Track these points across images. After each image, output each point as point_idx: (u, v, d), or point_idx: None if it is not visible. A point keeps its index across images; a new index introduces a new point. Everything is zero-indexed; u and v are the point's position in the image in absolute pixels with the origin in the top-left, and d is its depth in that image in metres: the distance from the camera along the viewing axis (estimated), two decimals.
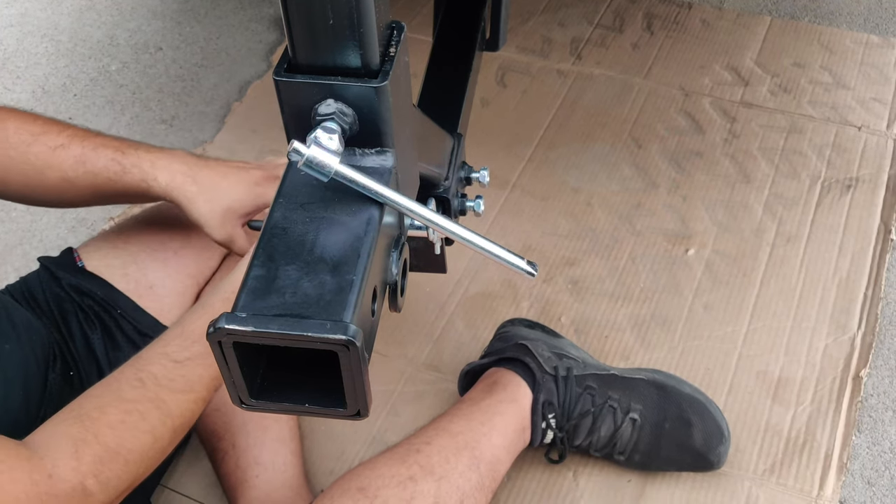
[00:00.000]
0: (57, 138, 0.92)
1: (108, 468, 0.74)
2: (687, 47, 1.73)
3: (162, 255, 1.04)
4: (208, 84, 1.79)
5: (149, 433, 0.77)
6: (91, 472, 0.73)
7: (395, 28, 0.53)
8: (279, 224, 0.51)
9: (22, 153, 0.91)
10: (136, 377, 0.79)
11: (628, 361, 1.24)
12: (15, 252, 1.50)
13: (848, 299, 1.29)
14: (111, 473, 0.75)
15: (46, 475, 0.71)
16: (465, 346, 1.28)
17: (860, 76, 1.63)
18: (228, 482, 1.08)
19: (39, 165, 0.91)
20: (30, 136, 0.91)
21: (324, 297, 0.47)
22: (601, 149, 1.55)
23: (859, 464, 1.14)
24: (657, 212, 1.43)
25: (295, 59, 0.50)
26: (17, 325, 0.90)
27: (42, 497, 0.70)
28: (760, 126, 1.55)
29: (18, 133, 0.91)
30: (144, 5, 2.01)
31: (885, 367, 1.23)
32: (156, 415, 0.77)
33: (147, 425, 0.77)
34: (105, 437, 0.75)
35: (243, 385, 0.49)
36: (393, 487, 0.89)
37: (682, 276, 1.34)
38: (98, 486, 0.74)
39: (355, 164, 0.53)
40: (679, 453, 1.06)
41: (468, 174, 0.85)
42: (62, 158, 0.91)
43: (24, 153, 0.91)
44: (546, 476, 1.13)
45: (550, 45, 1.76)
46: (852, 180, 1.45)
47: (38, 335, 0.93)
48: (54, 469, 0.72)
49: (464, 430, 0.98)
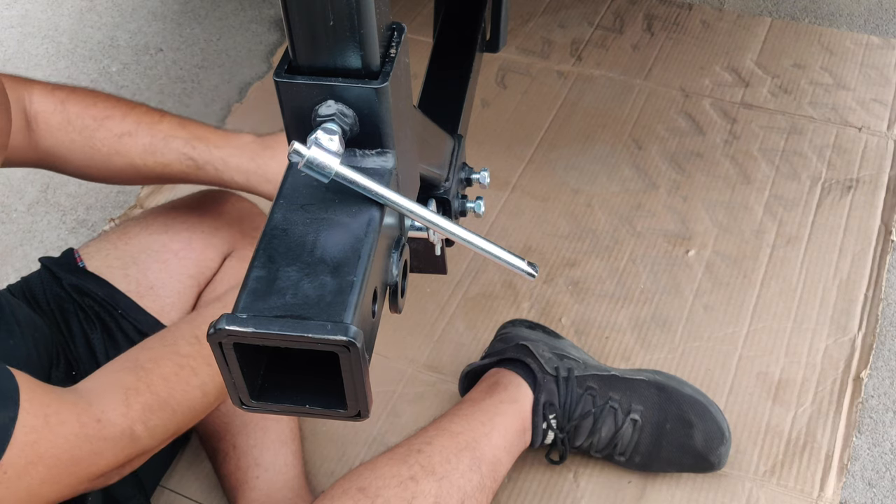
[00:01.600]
0: (122, 123, 0.91)
1: (157, 416, 0.78)
2: (687, 48, 1.73)
3: (163, 256, 1.04)
4: (209, 85, 1.80)
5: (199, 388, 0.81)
6: (140, 418, 0.77)
7: (396, 29, 0.53)
8: (279, 225, 0.51)
9: (87, 138, 0.91)
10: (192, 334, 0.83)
11: (629, 362, 1.24)
12: (15, 253, 1.50)
13: (848, 300, 1.29)
14: (159, 421, 0.78)
15: (95, 419, 0.74)
16: (465, 347, 1.28)
17: (860, 77, 1.63)
18: (229, 483, 1.08)
19: (105, 151, 0.91)
20: (93, 120, 0.91)
21: (324, 298, 0.47)
22: (601, 150, 1.55)
23: (860, 465, 1.14)
24: (657, 213, 1.43)
25: (295, 60, 0.50)
26: (21, 322, 0.91)
27: (91, 439, 0.73)
28: (761, 127, 1.55)
29: (82, 117, 0.91)
30: (145, 7, 2.01)
31: (886, 368, 1.23)
32: (207, 371, 0.81)
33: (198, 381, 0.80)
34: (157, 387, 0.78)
35: (244, 386, 0.49)
36: (394, 488, 0.89)
37: (683, 277, 1.34)
38: (146, 433, 0.77)
39: (356, 166, 0.53)
40: (680, 454, 1.06)
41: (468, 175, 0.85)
42: (129, 146, 0.92)
43: (89, 139, 0.91)
44: (547, 477, 1.13)
45: (551, 46, 1.76)
46: (853, 181, 1.45)
47: (41, 333, 0.94)
48: (103, 414, 0.75)
49: (465, 430, 0.98)
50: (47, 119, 0.90)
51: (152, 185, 1.00)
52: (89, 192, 1.59)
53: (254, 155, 0.94)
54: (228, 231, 1.09)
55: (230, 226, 1.09)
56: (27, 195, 1.60)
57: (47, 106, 0.91)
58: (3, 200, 1.59)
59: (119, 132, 0.91)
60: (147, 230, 1.07)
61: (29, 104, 0.90)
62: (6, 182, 1.62)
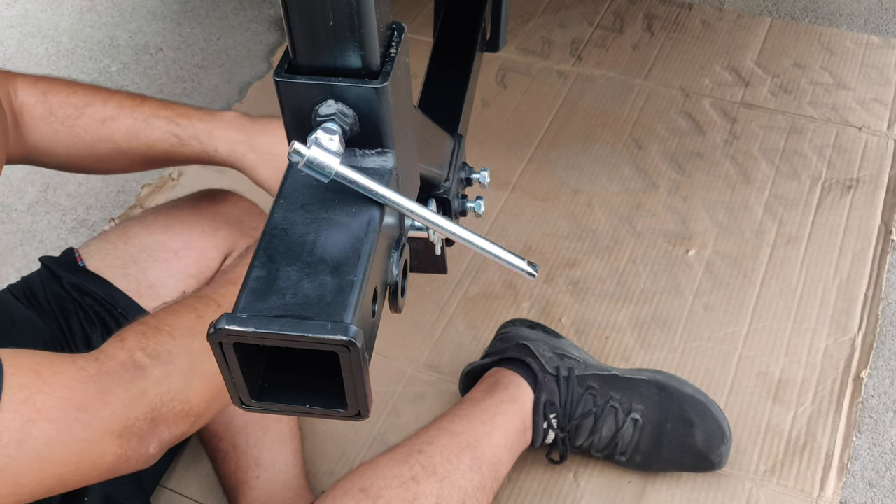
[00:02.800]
0: (104, 109, 0.91)
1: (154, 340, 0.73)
2: (687, 48, 1.73)
3: (163, 256, 1.04)
4: (209, 85, 1.80)
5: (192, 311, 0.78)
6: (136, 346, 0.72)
7: (396, 29, 0.53)
8: (279, 225, 0.51)
9: (69, 127, 0.90)
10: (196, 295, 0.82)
11: (629, 362, 1.24)
12: (15, 252, 1.50)
13: (848, 300, 1.29)
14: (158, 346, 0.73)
15: (93, 360, 0.70)
16: (465, 347, 1.28)
17: (861, 77, 1.63)
18: (229, 483, 1.08)
19: (89, 139, 0.91)
20: (74, 109, 0.90)
21: (324, 297, 0.47)
22: (601, 150, 1.55)
23: (860, 465, 1.14)
24: (657, 213, 1.43)
25: (295, 59, 0.50)
26: (17, 323, 0.91)
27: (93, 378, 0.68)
28: (761, 127, 1.55)
29: (63, 107, 0.90)
30: (145, 6, 2.01)
31: (886, 367, 1.23)
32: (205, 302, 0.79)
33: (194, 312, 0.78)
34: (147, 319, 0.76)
35: (244, 386, 0.49)
36: (395, 488, 0.89)
37: (683, 277, 1.34)
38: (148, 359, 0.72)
39: (356, 165, 0.53)
40: (680, 454, 1.06)
41: (468, 175, 0.85)
42: (112, 130, 0.91)
43: (72, 127, 0.90)
44: (547, 477, 1.13)
45: (551, 45, 1.76)
46: (853, 181, 1.45)
47: (39, 334, 0.94)
48: (100, 354, 0.71)
49: (465, 430, 0.98)
50: (31, 111, 0.90)
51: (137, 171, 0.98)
52: (89, 191, 1.59)
53: (240, 126, 0.94)
54: (229, 230, 1.09)
55: (230, 225, 1.09)
56: (27, 195, 1.60)
57: (30, 99, 0.90)
58: (3, 200, 1.59)
59: (101, 117, 0.91)
60: (147, 230, 1.07)
61: (14, 98, 0.90)
62: (6, 182, 1.62)
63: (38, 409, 0.64)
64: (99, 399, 0.67)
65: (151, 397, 0.71)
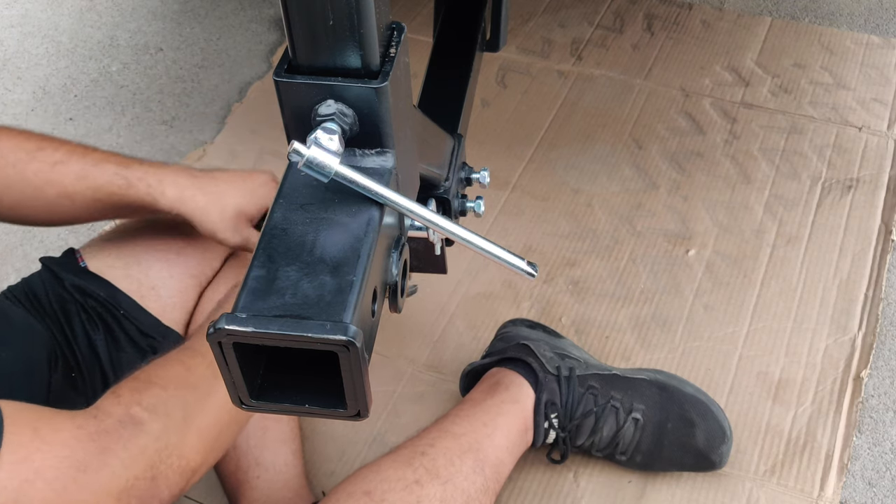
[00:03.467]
0: (55, 154, 0.91)
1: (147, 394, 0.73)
2: (687, 48, 1.73)
3: (164, 256, 1.04)
4: (209, 85, 1.80)
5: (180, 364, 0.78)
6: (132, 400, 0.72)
7: (396, 29, 0.53)
8: (279, 225, 0.51)
9: (20, 171, 0.90)
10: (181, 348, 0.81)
11: (629, 362, 1.24)
12: (15, 253, 1.50)
13: (848, 300, 1.29)
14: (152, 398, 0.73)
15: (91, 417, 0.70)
16: (465, 347, 1.28)
17: (861, 77, 1.63)
18: (229, 483, 1.08)
19: (38, 182, 0.91)
20: (26, 153, 0.91)
21: (324, 297, 0.47)
22: (601, 149, 1.55)
23: (860, 465, 1.14)
24: (658, 212, 1.43)
25: (295, 59, 0.51)
26: (14, 326, 0.90)
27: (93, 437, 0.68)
28: (761, 127, 1.55)
29: (14, 151, 0.91)
30: (145, 6, 2.01)
31: (886, 367, 1.23)
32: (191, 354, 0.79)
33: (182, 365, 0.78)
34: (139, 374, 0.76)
35: (243, 385, 0.49)
36: (399, 491, 0.89)
37: (683, 277, 1.34)
38: (145, 412, 0.72)
39: (355, 165, 0.53)
40: (681, 453, 1.06)
41: (468, 175, 0.85)
42: (62, 174, 0.91)
43: (22, 171, 0.90)
44: (547, 476, 1.13)
45: (551, 45, 1.76)
46: (853, 181, 1.45)
47: (38, 337, 0.93)
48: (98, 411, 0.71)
49: (467, 431, 0.98)
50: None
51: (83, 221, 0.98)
52: None
53: (190, 174, 0.94)
54: None
55: None
56: None
57: None
58: None
59: (52, 161, 0.91)
60: (148, 229, 1.07)
61: None
62: None
63: (36, 468, 0.64)
64: (98, 459, 0.67)
65: (150, 454, 0.71)
